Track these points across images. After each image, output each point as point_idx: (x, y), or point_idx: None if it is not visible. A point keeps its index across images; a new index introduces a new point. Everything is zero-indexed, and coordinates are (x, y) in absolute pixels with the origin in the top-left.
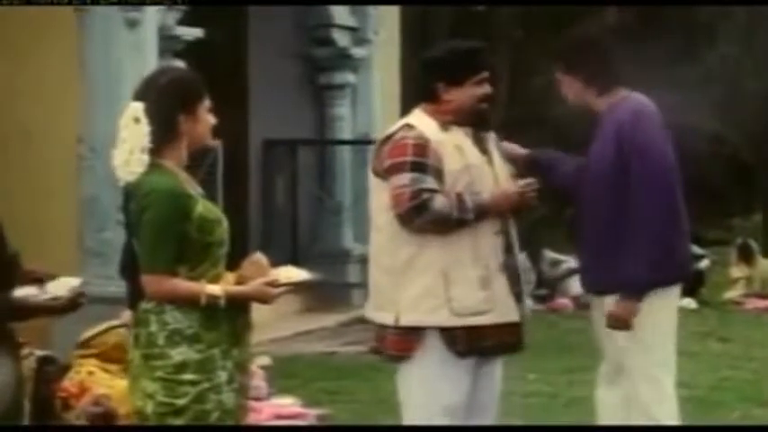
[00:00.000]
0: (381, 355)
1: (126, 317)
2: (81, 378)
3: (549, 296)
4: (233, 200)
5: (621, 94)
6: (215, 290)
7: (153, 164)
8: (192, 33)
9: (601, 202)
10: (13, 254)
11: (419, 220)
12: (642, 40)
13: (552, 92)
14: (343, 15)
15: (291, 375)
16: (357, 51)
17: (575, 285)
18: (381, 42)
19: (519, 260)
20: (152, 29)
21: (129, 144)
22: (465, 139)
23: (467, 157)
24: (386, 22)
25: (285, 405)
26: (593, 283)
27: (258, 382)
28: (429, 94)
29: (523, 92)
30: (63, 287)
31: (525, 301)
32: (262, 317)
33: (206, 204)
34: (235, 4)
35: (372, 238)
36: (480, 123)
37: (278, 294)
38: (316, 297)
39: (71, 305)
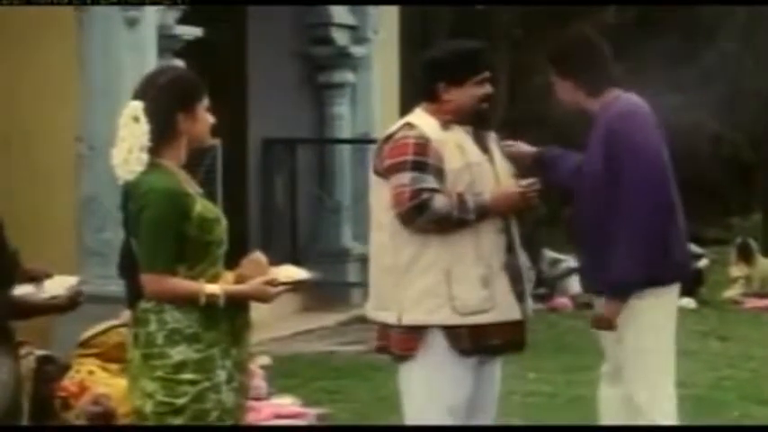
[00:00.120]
0: (387, 354)
1: (126, 316)
2: (81, 377)
3: (549, 295)
4: (232, 199)
5: (614, 94)
6: (214, 289)
7: (152, 163)
8: (192, 32)
9: (592, 202)
10: (13, 252)
11: (420, 220)
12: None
13: (552, 92)
14: (342, 14)
15: (291, 375)
16: (356, 50)
17: (574, 285)
18: (381, 41)
19: (522, 259)
20: (151, 28)
21: (129, 143)
22: (466, 138)
23: (468, 156)
24: (385, 22)
25: (285, 404)
26: (588, 284)
27: (258, 381)
28: (429, 94)
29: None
30: (60, 286)
31: (528, 300)
32: (261, 316)
33: (205, 203)
34: (234, 4)
35: (373, 237)
36: (481, 123)
37: (277, 293)
38: (315, 296)
39: (70, 304)
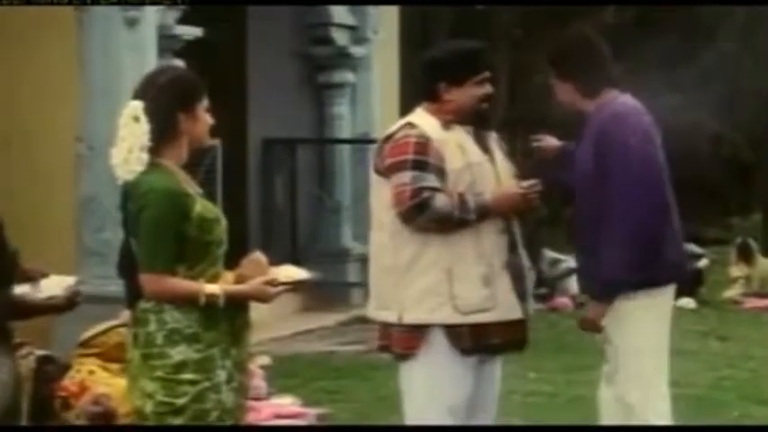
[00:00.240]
0: (388, 353)
1: (125, 316)
2: (82, 377)
3: (549, 295)
4: (232, 199)
5: (611, 95)
6: (214, 289)
7: (152, 163)
8: (192, 32)
9: (582, 203)
10: (13, 252)
11: (420, 219)
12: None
13: (552, 93)
14: (342, 14)
15: (291, 375)
16: (356, 50)
17: (574, 285)
18: (381, 41)
19: (524, 259)
20: (151, 28)
21: (128, 143)
22: (467, 138)
23: (468, 156)
24: (385, 22)
25: (285, 404)
26: (585, 284)
27: (258, 381)
28: (430, 94)
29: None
30: (57, 286)
31: (530, 300)
32: (261, 316)
33: (205, 203)
34: (234, 4)
35: (374, 236)
36: (481, 123)
37: (277, 293)
38: (315, 296)
39: (68, 304)
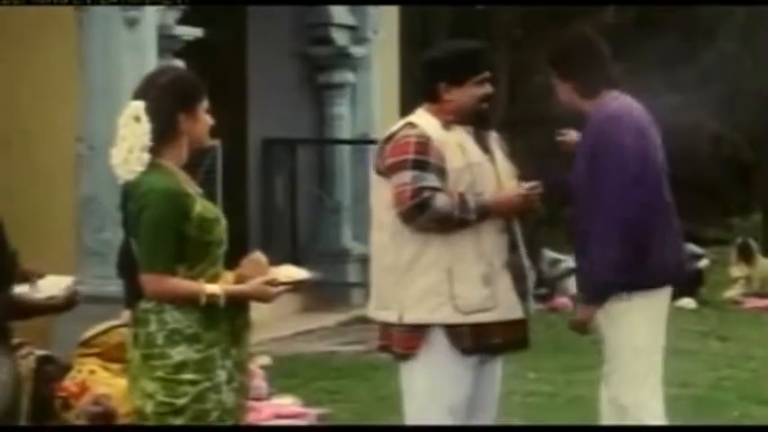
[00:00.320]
0: (389, 353)
1: (126, 317)
2: (83, 377)
3: (549, 295)
4: (232, 199)
5: (610, 96)
6: (214, 289)
7: (152, 163)
8: (192, 33)
9: (579, 204)
10: (13, 252)
11: (421, 218)
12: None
13: (553, 93)
14: (342, 14)
15: (291, 375)
16: (356, 50)
17: (574, 284)
18: (381, 41)
19: (524, 258)
20: (151, 28)
21: (129, 143)
22: (467, 138)
23: (469, 156)
24: (385, 22)
25: (285, 405)
26: (580, 285)
27: (258, 381)
28: (430, 94)
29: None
30: (54, 286)
31: (531, 300)
32: (261, 316)
33: (205, 203)
34: (234, 4)
35: (374, 236)
36: (481, 123)
37: (277, 293)
38: (315, 296)
39: (67, 304)
